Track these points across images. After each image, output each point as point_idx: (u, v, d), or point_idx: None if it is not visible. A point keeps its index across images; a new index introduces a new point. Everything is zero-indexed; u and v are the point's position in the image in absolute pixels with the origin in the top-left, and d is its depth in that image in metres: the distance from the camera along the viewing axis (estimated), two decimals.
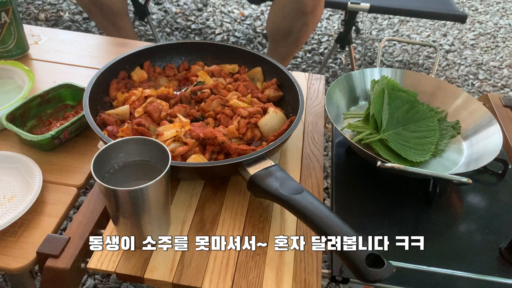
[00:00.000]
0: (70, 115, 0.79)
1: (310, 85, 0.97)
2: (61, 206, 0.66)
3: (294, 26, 1.39)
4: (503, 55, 2.23)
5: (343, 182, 0.74)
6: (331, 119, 0.76)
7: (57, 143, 0.74)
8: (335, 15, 2.45)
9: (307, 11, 1.35)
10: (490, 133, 0.76)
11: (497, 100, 0.97)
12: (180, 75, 0.88)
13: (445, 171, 0.74)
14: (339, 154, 0.80)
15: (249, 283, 0.57)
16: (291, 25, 1.40)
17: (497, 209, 0.72)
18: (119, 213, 0.56)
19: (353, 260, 0.50)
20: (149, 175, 0.55)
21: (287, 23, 1.40)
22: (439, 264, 0.62)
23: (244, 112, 0.76)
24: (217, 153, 0.70)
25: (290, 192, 0.58)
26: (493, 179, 0.78)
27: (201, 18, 2.32)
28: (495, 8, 2.66)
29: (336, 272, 0.60)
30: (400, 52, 2.19)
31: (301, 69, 2.03)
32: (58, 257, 0.58)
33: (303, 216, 0.55)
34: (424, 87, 0.87)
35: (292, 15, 1.37)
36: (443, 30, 2.40)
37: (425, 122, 0.80)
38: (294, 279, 0.58)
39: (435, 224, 0.69)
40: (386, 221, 0.68)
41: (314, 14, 1.37)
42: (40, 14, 2.19)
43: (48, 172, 0.71)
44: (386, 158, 0.71)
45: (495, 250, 0.65)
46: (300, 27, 1.39)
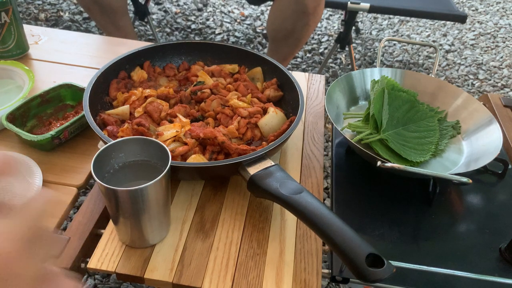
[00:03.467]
0: (70, 115, 0.79)
1: (310, 85, 0.97)
2: (61, 206, 0.66)
3: (295, 26, 1.39)
4: (503, 55, 2.23)
5: (343, 182, 0.74)
6: (331, 119, 0.76)
7: (57, 143, 0.74)
8: (335, 15, 2.45)
9: (309, 12, 1.35)
10: (490, 133, 0.76)
11: (497, 100, 0.97)
12: (180, 75, 0.88)
13: (445, 171, 0.74)
14: (339, 154, 0.80)
15: (249, 283, 0.57)
16: (292, 25, 1.40)
17: (497, 209, 0.72)
18: (119, 213, 0.56)
19: (353, 260, 0.50)
20: (149, 175, 0.55)
21: (288, 23, 1.40)
22: (439, 264, 0.62)
23: (244, 112, 0.76)
24: (217, 153, 0.70)
25: (290, 192, 0.58)
26: (493, 179, 0.78)
27: (201, 18, 2.32)
28: (495, 8, 2.66)
29: (336, 272, 0.60)
30: (400, 52, 2.19)
31: (301, 69, 2.03)
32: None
33: (303, 216, 0.55)
34: (424, 87, 0.87)
35: (293, 15, 1.37)
36: (443, 30, 2.40)
37: (425, 122, 0.80)
38: (294, 279, 0.58)
39: (435, 224, 0.69)
40: (386, 221, 0.68)
41: (315, 14, 1.37)
42: (40, 14, 2.19)
43: (48, 172, 0.71)
44: (386, 158, 0.71)
45: (495, 250, 0.65)
46: (301, 28, 1.39)
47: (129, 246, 0.61)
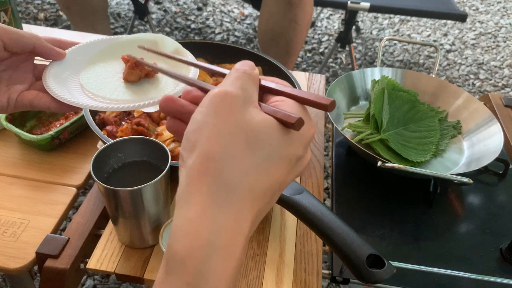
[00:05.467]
0: (70, 115, 0.79)
1: (310, 84, 0.97)
2: (60, 206, 0.66)
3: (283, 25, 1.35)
4: (504, 55, 2.23)
5: (343, 182, 0.74)
6: (331, 119, 0.75)
7: (57, 143, 0.74)
8: (335, 15, 2.45)
9: (294, 2, 1.31)
10: (491, 133, 0.76)
11: (498, 100, 0.96)
12: None
13: (445, 171, 0.74)
14: (339, 154, 0.80)
15: (249, 283, 0.57)
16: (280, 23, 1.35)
17: (497, 210, 0.72)
18: (118, 214, 0.56)
19: (354, 260, 0.50)
20: (149, 175, 0.55)
21: (274, 20, 1.36)
22: (439, 264, 0.62)
23: None
24: None
25: (290, 193, 0.57)
26: (494, 179, 0.78)
27: (201, 17, 2.32)
28: (495, 8, 2.66)
29: (336, 272, 0.59)
30: (400, 51, 2.19)
31: (301, 68, 2.03)
32: (58, 258, 0.58)
33: (303, 217, 0.55)
34: (425, 87, 0.87)
35: (280, 10, 1.34)
36: (444, 30, 2.40)
37: (426, 122, 0.80)
38: (294, 279, 0.58)
39: (436, 224, 0.68)
40: (386, 222, 0.68)
41: (301, 6, 1.33)
42: (39, 13, 2.19)
43: (48, 172, 0.71)
44: (387, 158, 0.71)
45: (496, 251, 0.65)
46: (288, 24, 1.35)
47: (128, 246, 0.61)
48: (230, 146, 0.26)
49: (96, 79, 0.49)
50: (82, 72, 0.50)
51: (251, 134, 0.27)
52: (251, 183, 0.26)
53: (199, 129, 0.27)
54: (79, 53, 0.52)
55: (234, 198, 0.25)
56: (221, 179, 0.25)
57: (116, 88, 0.47)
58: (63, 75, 0.49)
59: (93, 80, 0.48)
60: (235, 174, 0.26)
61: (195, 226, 0.25)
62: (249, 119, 0.27)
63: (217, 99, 0.27)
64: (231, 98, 0.27)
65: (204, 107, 0.28)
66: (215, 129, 0.26)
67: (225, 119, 0.27)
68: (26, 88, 0.47)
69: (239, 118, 0.27)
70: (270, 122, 0.28)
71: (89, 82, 0.48)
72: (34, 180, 0.70)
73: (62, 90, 0.46)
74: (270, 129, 0.27)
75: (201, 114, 0.28)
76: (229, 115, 0.27)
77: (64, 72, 0.49)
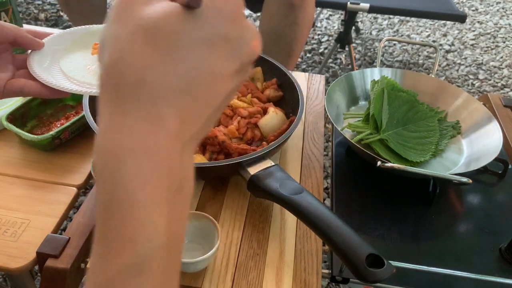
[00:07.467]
0: (70, 115, 0.79)
1: (310, 85, 0.97)
2: (61, 206, 0.66)
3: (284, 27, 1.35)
4: (503, 55, 2.23)
5: (343, 182, 0.74)
6: (331, 119, 0.76)
7: (58, 143, 0.74)
8: (335, 15, 2.45)
9: (295, 3, 1.32)
10: (490, 133, 0.76)
11: (497, 100, 0.97)
12: None
13: (445, 171, 0.74)
14: (339, 154, 0.80)
15: (249, 283, 0.57)
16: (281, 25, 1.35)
17: (497, 209, 0.72)
18: None
19: (353, 260, 0.50)
20: None
21: (275, 21, 1.37)
22: (439, 264, 0.62)
23: (244, 112, 0.76)
24: (217, 153, 0.70)
25: (290, 192, 0.58)
26: (493, 179, 0.78)
27: None
28: (495, 8, 2.66)
29: (336, 272, 0.60)
30: (400, 52, 2.19)
31: (301, 69, 2.03)
32: (58, 257, 0.58)
33: (303, 216, 0.55)
34: (424, 87, 0.87)
35: (280, 10, 1.34)
36: (443, 30, 2.40)
37: (425, 122, 0.80)
38: (294, 279, 0.58)
39: (435, 224, 0.69)
40: (386, 221, 0.68)
41: (303, 7, 1.33)
42: (40, 14, 2.19)
43: (48, 172, 0.71)
44: (386, 158, 0.71)
45: (495, 250, 0.65)
46: (290, 26, 1.36)
47: None
48: (128, 46, 0.24)
49: (77, 67, 0.52)
50: (61, 61, 0.53)
51: (151, 29, 0.25)
52: (159, 78, 0.24)
53: (102, 44, 0.26)
54: (55, 43, 0.55)
55: (141, 97, 0.24)
56: (124, 82, 0.24)
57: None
58: (44, 64, 0.52)
59: (75, 68, 0.52)
60: (138, 73, 0.24)
61: (105, 134, 0.24)
62: (149, 13, 0.25)
63: (118, 4, 0.26)
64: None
65: (108, 18, 0.26)
66: (114, 36, 0.25)
67: (124, 22, 0.25)
68: (10, 77, 0.50)
69: (137, 16, 0.25)
70: (169, 11, 0.25)
71: (71, 70, 0.51)
72: (34, 180, 0.70)
73: (48, 78, 0.49)
74: (169, 18, 0.25)
75: (105, 27, 0.26)
76: (129, 17, 0.25)
77: (45, 61, 0.52)
